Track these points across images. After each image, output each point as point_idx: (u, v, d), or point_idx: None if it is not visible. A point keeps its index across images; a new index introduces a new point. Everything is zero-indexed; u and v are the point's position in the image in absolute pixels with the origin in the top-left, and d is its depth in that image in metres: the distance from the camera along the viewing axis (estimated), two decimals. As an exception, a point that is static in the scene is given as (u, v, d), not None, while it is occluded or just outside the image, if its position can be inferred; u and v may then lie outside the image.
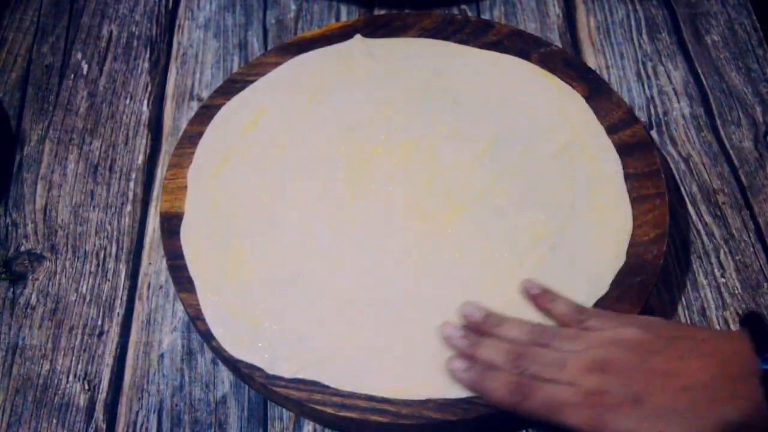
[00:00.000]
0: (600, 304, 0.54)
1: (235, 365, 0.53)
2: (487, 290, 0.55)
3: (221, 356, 0.54)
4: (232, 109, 0.65)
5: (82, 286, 0.61)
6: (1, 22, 0.77)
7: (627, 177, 0.59)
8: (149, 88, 0.72)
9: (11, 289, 0.61)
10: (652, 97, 0.69)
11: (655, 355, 0.46)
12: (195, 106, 0.70)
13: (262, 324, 0.54)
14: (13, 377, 0.57)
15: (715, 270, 0.60)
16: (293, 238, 0.58)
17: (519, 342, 0.49)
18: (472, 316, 0.52)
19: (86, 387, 0.57)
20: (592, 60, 0.71)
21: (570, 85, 0.65)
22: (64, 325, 0.59)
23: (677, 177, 0.64)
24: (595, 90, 0.64)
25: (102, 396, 0.56)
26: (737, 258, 0.60)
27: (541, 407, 0.46)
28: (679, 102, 0.68)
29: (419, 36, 0.68)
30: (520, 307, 0.54)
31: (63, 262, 0.62)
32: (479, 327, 0.51)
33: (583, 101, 0.64)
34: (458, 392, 0.51)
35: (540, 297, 0.53)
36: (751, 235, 0.61)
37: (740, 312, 0.58)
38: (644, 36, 0.73)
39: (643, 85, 0.70)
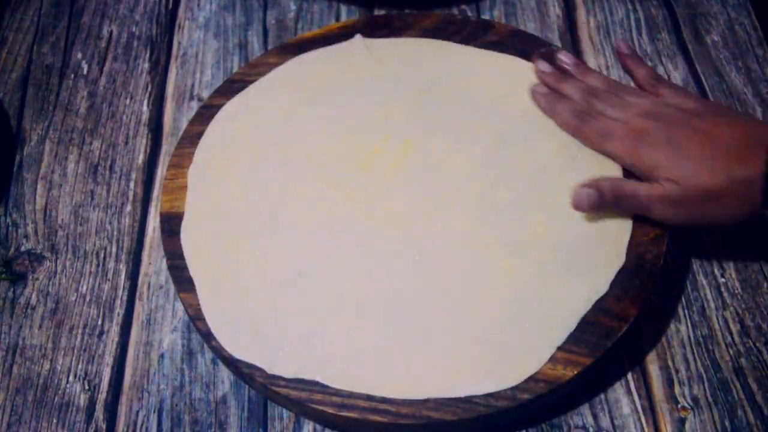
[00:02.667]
0: (600, 304, 0.54)
1: (235, 365, 0.53)
2: (487, 290, 0.55)
3: (221, 356, 0.54)
4: (232, 109, 0.65)
5: (82, 286, 0.61)
6: (1, 22, 0.77)
7: (627, 177, 0.59)
8: (149, 88, 0.72)
9: (11, 289, 0.61)
10: (652, 97, 0.69)
11: (699, 118, 0.54)
12: (195, 106, 0.70)
13: (262, 324, 0.54)
14: (13, 377, 0.57)
15: (715, 270, 0.60)
16: (293, 238, 0.58)
17: (596, 87, 0.60)
18: (565, 60, 0.63)
19: (86, 387, 0.57)
20: (592, 60, 0.71)
21: (570, 85, 0.65)
22: (65, 325, 0.59)
23: (677, 177, 0.64)
24: (595, 90, 0.64)
25: (102, 396, 0.56)
26: (737, 258, 0.60)
27: (593, 134, 0.58)
28: (679, 102, 0.68)
29: (419, 36, 0.68)
30: (520, 307, 0.54)
31: (63, 262, 0.62)
32: (568, 72, 0.62)
33: (583, 101, 0.64)
34: (458, 392, 0.51)
35: (629, 57, 0.61)
36: (751, 235, 0.61)
37: (740, 312, 0.58)
38: (644, 36, 0.73)
39: (643, 85, 0.70)
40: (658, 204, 0.54)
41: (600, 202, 0.55)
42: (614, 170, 0.59)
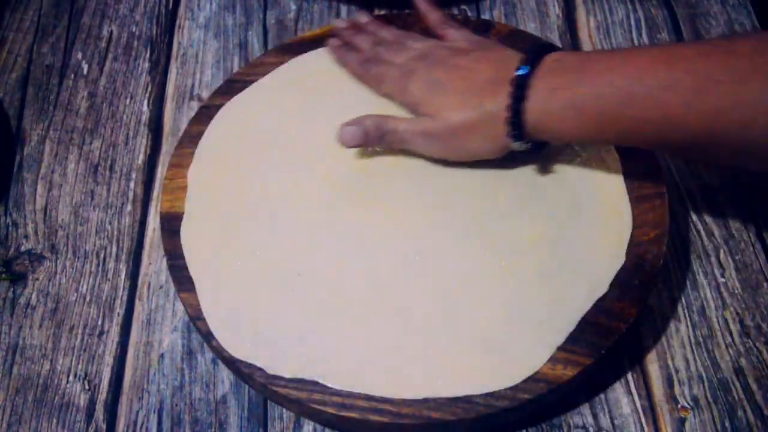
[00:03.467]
0: (600, 304, 0.54)
1: (235, 365, 0.53)
2: (487, 290, 0.55)
3: (221, 356, 0.54)
4: (232, 109, 0.65)
5: (83, 286, 0.61)
6: (1, 22, 0.77)
7: (627, 177, 0.59)
8: (149, 88, 0.72)
9: (11, 289, 0.61)
10: (652, 97, 0.69)
11: (464, 56, 0.58)
12: (195, 106, 0.70)
13: (262, 324, 0.54)
14: (14, 377, 0.57)
15: (715, 270, 0.60)
16: (293, 238, 0.58)
17: (386, 39, 0.64)
18: (360, 17, 0.67)
19: (86, 387, 0.57)
20: (592, 60, 0.71)
21: (570, 85, 0.65)
22: (65, 325, 0.59)
23: (677, 177, 0.64)
24: (595, 90, 0.64)
25: (102, 396, 0.56)
26: (737, 258, 0.60)
27: (373, 78, 0.63)
28: (679, 102, 0.68)
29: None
30: (520, 307, 0.54)
31: (63, 262, 0.62)
32: (362, 28, 0.66)
33: (583, 101, 0.63)
34: (458, 392, 0.51)
35: (421, 2, 0.65)
36: (751, 234, 0.61)
37: (740, 312, 0.58)
38: (644, 36, 0.73)
39: (643, 85, 0.70)
40: (419, 138, 0.58)
41: (365, 139, 0.58)
42: (614, 170, 0.60)
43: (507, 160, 0.60)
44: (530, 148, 0.55)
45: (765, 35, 0.46)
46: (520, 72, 0.52)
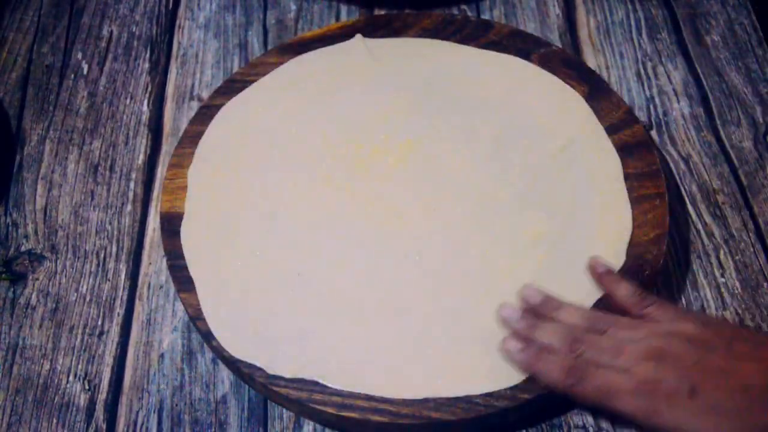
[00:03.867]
0: (600, 304, 0.54)
1: (235, 365, 0.53)
2: (487, 290, 0.55)
3: (221, 356, 0.54)
4: (232, 109, 0.65)
5: (83, 286, 0.61)
6: (2, 22, 0.77)
7: (627, 177, 0.59)
8: (149, 88, 0.72)
9: (11, 289, 0.61)
10: (652, 97, 0.69)
11: (712, 352, 0.45)
12: (195, 106, 0.70)
13: (262, 324, 0.54)
14: (14, 377, 0.57)
15: (715, 270, 0.60)
16: (293, 237, 0.58)
17: (576, 327, 0.49)
18: (531, 298, 0.52)
19: (86, 387, 0.57)
20: (592, 60, 0.71)
21: (570, 85, 0.65)
22: (65, 325, 0.59)
23: (677, 177, 0.64)
24: (595, 90, 0.64)
25: (102, 396, 0.56)
26: (737, 258, 0.60)
27: (595, 392, 0.47)
28: (678, 102, 0.68)
29: (419, 36, 0.68)
30: (520, 307, 0.54)
31: (63, 262, 0.62)
32: (537, 310, 0.52)
33: (583, 101, 0.64)
34: (458, 392, 0.51)
35: (605, 277, 0.53)
36: (750, 235, 0.61)
37: (740, 312, 0.58)
38: (644, 36, 0.73)
39: (642, 85, 0.70)
40: None
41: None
42: (614, 170, 0.60)
43: (507, 161, 0.60)
44: None
45: None
46: None
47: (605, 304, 0.53)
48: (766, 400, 0.43)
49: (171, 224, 0.59)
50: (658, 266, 0.55)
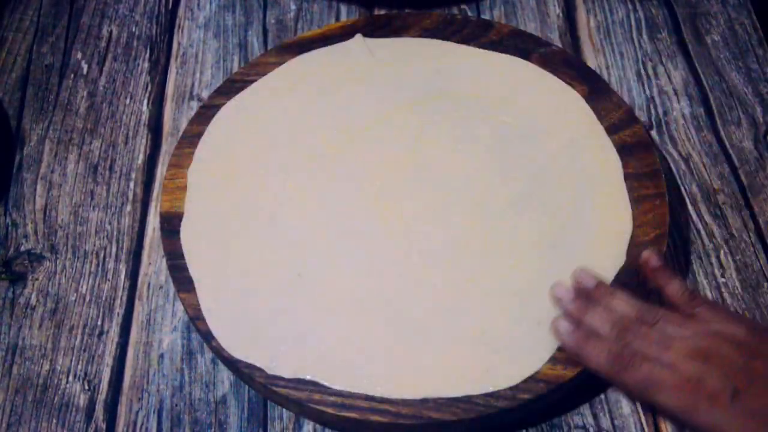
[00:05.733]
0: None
1: (235, 365, 0.53)
2: (487, 290, 0.55)
3: (221, 356, 0.54)
4: (232, 109, 0.65)
5: (82, 286, 0.61)
6: (1, 22, 0.77)
7: (627, 177, 0.59)
8: (149, 88, 0.72)
9: (11, 289, 0.61)
10: (652, 97, 0.69)
11: (759, 359, 0.45)
12: (195, 106, 0.70)
13: (262, 324, 0.54)
14: (13, 377, 0.57)
15: (715, 270, 0.60)
16: (293, 238, 0.58)
17: (626, 316, 0.50)
18: (584, 281, 0.53)
19: (86, 387, 0.57)
20: (592, 60, 0.71)
21: (570, 85, 0.65)
22: (64, 325, 0.59)
23: (677, 177, 0.64)
24: (595, 90, 0.64)
25: (102, 396, 0.56)
26: (737, 258, 0.60)
27: (638, 383, 0.47)
28: (679, 102, 0.68)
29: (419, 36, 0.68)
30: (520, 307, 0.54)
31: (63, 262, 0.62)
32: (590, 294, 0.52)
33: (583, 101, 0.64)
34: (458, 392, 0.51)
35: (658, 272, 0.52)
36: (751, 235, 0.61)
37: (740, 312, 0.58)
38: (644, 36, 0.73)
39: (643, 85, 0.70)
40: None
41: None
42: (614, 170, 0.59)
43: (507, 161, 0.60)
44: None
45: None
46: None
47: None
48: None
49: (171, 224, 0.59)
50: (658, 266, 0.55)
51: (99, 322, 0.59)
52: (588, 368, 0.50)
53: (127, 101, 0.71)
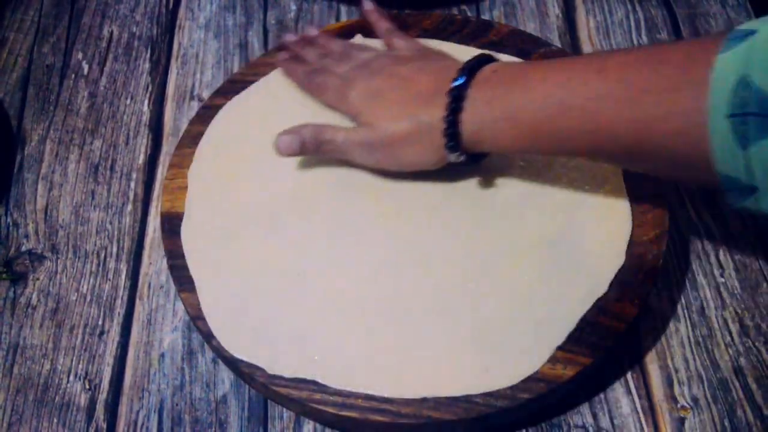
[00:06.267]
0: (600, 303, 0.54)
1: (235, 365, 0.53)
2: (487, 290, 0.55)
3: (222, 356, 0.54)
4: (232, 109, 0.65)
5: (83, 286, 0.61)
6: (2, 22, 0.77)
7: (627, 177, 0.59)
8: (150, 89, 0.72)
9: (12, 289, 0.61)
10: (652, 98, 0.69)
11: (404, 65, 0.57)
12: (195, 106, 0.70)
13: (263, 324, 0.54)
14: (14, 377, 0.57)
15: (715, 270, 0.60)
16: (293, 237, 0.58)
17: (333, 51, 0.63)
18: (309, 31, 0.66)
19: (87, 387, 0.57)
20: (591, 60, 0.71)
21: (570, 85, 0.65)
22: (65, 324, 0.59)
23: (677, 177, 0.64)
24: (594, 90, 0.64)
25: (102, 396, 0.56)
26: (736, 257, 0.60)
27: (314, 88, 0.62)
28: (678, 102, 0.68)
29: (419, 36, 0.68)
30: (519, 307, 0.54)
31: (64, 261, 0.62)
32: (311, 40, 0.65)
33: (582, 101, 0.64)
34: (458, 391, 0.51)
35: (371, 12, 0.66)
36: (750, 234, 0.61)
37: (739, 312, 0.58)
38: (644, 36, 0.73)
39: (642, 85, 0.70)
40: (357, 149, 0.57)
41: (302, 149, 0.58)
42: (614, 170, 0.60)
43: (506, 160, 0.61)
44: (467, 159, 0.54)
45: (695, 43, 0.45)
46: (457, 83, 0.52)
47: (605, 304, 0.53)
48: (420, 98, 0.54)
49: (171, 224, 0.59)
50: (657, 266, 0.55)
51: (100, 322, 0.60)
52: (293, 82, 0.64)
53: (128, 101, 0.71)
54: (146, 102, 0.71)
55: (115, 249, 0.63)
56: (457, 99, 0.52)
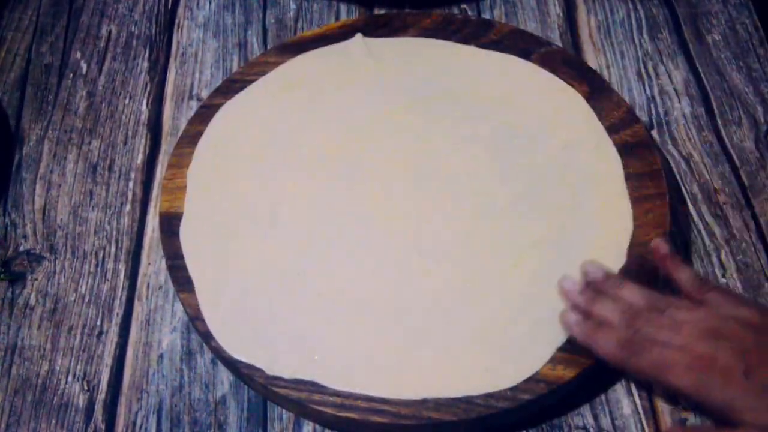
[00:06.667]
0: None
1: (234, 365, 0.53)
2: (487, 290, 0.55)
3: (221, 356, 0.54)
4: (231, 108, 0.65)
5: (81, 287, 0.61)
6: (0, 21, 0.77)
7: (627, 177, 0.59)
8: (148, 88, 0.72)
9: (10, 290, 0.61)
10: (653, 97, 0.69)
11: (764, 334, 0.46)
12: (194, 105, 0.70)
13: (262, 324, 0.54)
14: (12, 377, 0.57)
15: (716, 270, 0.60)
16: (293, 237, 0.58)
17: (636, 305, 0.50)
18: (592, 273, 0.52)
19: (85, 387, 0.57)
20: (592, 59, 0.71)
21: (570, 84, 0.65)
22: (63, 325, 0.59)
23: (678, 177, 0.64)
24: (595, 89, 0.64)
25: (101, 396, 0.56)
26: (738, 258, 0.60)
27: (649, 366, 0.47)
28: (679, 101, 0.68)
29: (419, 36, 0.68)
30: (520, 308, 0.54)
31: (62, 262, 0.62)
32: (598, 286, 0.52)
33: (583, 101, 0.63)
34: (458, 392, 0.50)
35: (668, 259, 0.52)
36: (752, 235, 0.61)
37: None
38: (645, 35, 0.73)
39: (643, 84, 0.69)
40: None
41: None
42: (615, 170, 0.59)
43: (507, 161, 0.60)
44: None
45: None
46: None
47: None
48: None
49: (170, 224, 0.59)
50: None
51: (98, 323, 0.59)
52: (599, 357, 0.49)
53: (127, 101, 0.71)
54: (145, 101, 0.71)
55: (113, 249, 0.63)
56: None
